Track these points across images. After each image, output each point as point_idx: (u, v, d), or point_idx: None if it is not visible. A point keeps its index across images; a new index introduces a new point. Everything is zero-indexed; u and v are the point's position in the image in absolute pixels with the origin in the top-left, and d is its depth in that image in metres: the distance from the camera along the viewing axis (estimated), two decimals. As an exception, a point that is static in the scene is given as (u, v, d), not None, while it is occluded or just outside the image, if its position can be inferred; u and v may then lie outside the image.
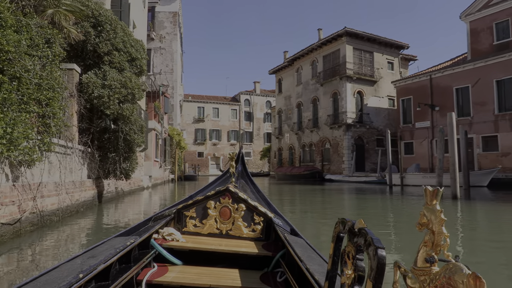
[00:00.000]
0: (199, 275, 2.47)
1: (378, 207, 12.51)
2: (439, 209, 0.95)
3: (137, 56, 11.08)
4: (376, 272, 0.94)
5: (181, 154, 35.04)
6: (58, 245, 5.74)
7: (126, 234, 2.62)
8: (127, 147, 10.66)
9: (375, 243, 0.98)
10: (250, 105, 62.39)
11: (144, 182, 19.63)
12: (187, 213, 3.09)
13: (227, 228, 3.07)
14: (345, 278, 1.18)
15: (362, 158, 31.14)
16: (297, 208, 12.06)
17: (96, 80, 9.44)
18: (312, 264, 1.95)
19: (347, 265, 1.18)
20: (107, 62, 10.14)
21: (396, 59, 34.21)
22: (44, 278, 1.54)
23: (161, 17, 35.20)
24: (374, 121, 31.92)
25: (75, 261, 1.84)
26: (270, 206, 3.42)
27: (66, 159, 8.50)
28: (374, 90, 32.47)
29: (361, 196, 16.33)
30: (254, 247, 2.83)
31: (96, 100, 9.35)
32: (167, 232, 2.82)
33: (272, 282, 2.48)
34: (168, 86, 34.42)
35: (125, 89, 9.80)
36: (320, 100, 34.53)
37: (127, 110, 9.76)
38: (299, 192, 19.63)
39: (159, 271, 2.49)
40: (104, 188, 11.82)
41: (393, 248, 5.80)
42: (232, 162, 3.54)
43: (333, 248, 1.29)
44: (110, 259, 1.94)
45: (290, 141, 39.96)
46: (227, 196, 3.09)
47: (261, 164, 60.36)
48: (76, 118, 9.45)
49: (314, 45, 34.93)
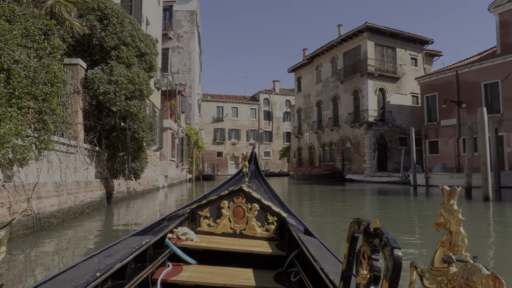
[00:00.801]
0: (213, 275, 2.47)
1: (402, 208, 11.71)
2: (457, 209, 0.94)
3: (147, 51, 10.63)
4: (392, 273, 0.93)
5: (199, 153, 34.71)
6: (51, 253, 5.28)
7: (141, 233, 2.63)
8: (136, 145, 10.22)
9: (391, 243, 0.97)
10: (269, 104, 61.73)
11: (159, 182, 19.28)
12: (201, 213, 3.11)
13: (241, 227, 3.07)
14: (360, 278, 1.16)
15: (384, 157, 30.07)
16: (316, 209, 11.39)
17: (102, 76, 9.02)
18: (327, 264, 1.93)
19: (363, 265, 1.16)
20: (114, 57, 9.71)
21: (420, 55, 32.94)
22: (63, 276, 1.56)
23: (178, 16, 34.99)
24: (396, 119, 30.78)
25: (92, 260, 1.85)
26: (283, 206, 3.39)
27: (69, 158, 8.10)
28: (397, 87, 31.32)
29: (383, 198, 15.49)
30: (268, 246, 2.83)
31: (101, 96, 8.93)
32: (182, 231, 2.83)
33: (286, 282, 2.47)
34: (185, 85, 34.18)
35: (133, 85, 9.35)
36: (340, 98, 33.60)
37: (135, 106, 9.30)
38: (318, 192, 18.90)
39: (173, 271, 2.50)
40: (114, 188, 11.44)
41: (415, 251, 5.54)
42: (245, 162, 3.58)
43: (348, 248, 1.29)
44: (126, 258, 1.95)
45: (309, 140, 39.12)
46: (241, 196, 3.09)
47: (280, 163, 59.63)
48: (82, 115, 9.05)
49: (334, 41, 34.01)
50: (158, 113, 18.93)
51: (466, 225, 0.98)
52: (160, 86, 18.88)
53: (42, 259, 4.84)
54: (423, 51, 33.23)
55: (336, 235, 6.85)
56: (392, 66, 31.32)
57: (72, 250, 5.44)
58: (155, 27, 18.41)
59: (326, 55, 36.23)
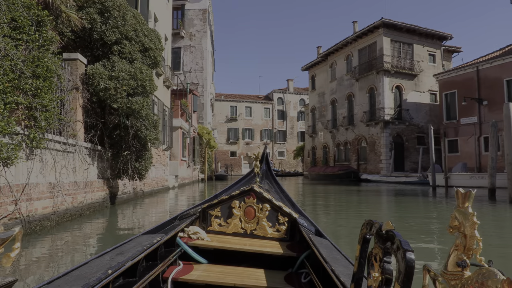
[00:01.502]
0: (224, 274, 2.47)
1: (419, 210, 11.02)
2: (471, 212, 0.94)
3: (151, 46, 10.20)
4: (404, 276, 0.92)
5: (211, 153, 34.33)
6: (36, 262, 4.84)
7: (152, 232, 2.62)
8: (140, 144, 9.80)
9: (404, 246, 0.96)
10: (283, 103, 61.06)
11: (169, 182, 18.92)
12: (212, 212, 3.12)
13: (251, 227, 3.08)
14: (371, 281, 1.15)
15: (401, 157, 29.16)
16: (330, 211, 10.79)
17: (102, 71, 8.61)
18: (338, 266, 1.91)
19: (374, 268, 1.15)
20: (116, 52, 9.31)
21: (438, 51, 31.88)
22: (75, 273, 1.58)
23: (190, 15, 34.67)
24: (414, 118, 29.83)
25: (104, 258, 1.85)
26: (294, 207, 3.38)
27: (66, 157, 7.70)
28: (414, 84, 30.36)
29: (400, 199, 14.76)
30: (278, 247, 2.83)
31: (102, 92, 8.52)
32: (193, 230, 2.83)
33: (297, 283, 2.45)
34: (198, 85, 33.86)
35: (135, 81, 8.93)
36: (355, 96, 32.79)
37: (137, 103, 8.87)
38: (333, 193, 18.24)
39: (184, 269, 2.51)
40: (118, 188, 11.06)
41: (429, 254, 5.31)
42: (256, 162, 3.55)
43: (359, 250, 1.27)
44: (137, 256, 1.96)
45: (324, 139, 38.37)
46: (252, 196, 3.10)
47: (294, 163, 58.92)
48: (82, 113, 8.66)
49: (349, 38, 33.20)
50: (167, 112, 18.57)
51: (488, 229, 1.10)
52: (169, 85, 18.50)
53: (29, 265, 4.41)
54: (442, 47, 32.17)
55: (349, 238, 6.28)
56: (409, 62, 30.38)
57: (61, 256, 5.01)
58: (164, 24, 18.03)
59: (340, 52, 35.43)
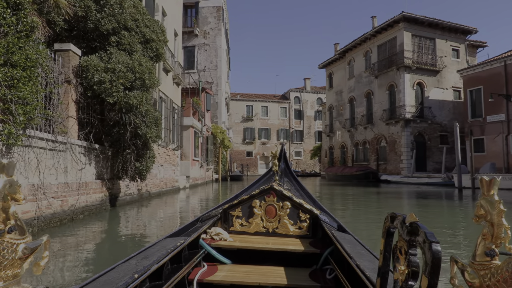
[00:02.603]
0: (248, 274, 2.48)
1: (445, 214, 10.00)
2: (498, 199, 0.92)
3: (152, 37, 9.49)
4: (431, 267, 0.91)
5: (225, 153, 33.63)
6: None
7: (175, 234, 2.63)
8: (140, 142, 9.10)
9: (429, 238, 0.95)
10: (300, 102, 59.99)
11: (179, 182, 18.26)
12: (233, 213, 3.12)
13: (273, 226, 3.08)
14: (398, 274, 1.13)
15: (423, 156, 27.83)
16: (347, 214, 9.88)
17: (97, 63, 7.93)
18: (362, 261, 1.89)
19: (400, 261, 1.13)
20: (114, 43, 8.63)
21: (462, 46, 30.40)
22: (103, 278, 1.58)
23: (204, 13, 34.09)
24: (436, 116, 28.45)
25: (130, 262, 1.86)
26: (315, 203, 3.38)
27: (56, 156, 7.05)
28: (437, 80, 28.98)
29: (424, 202, 13.68)
30: (301, 244, 2.82)
31: (96, 86, 7.84)
32: (215, 232, 2.85)
33: (322, 279, 2.45)
34: (212, 83, 33.23)
35: (133, 74, 8.22)
36: (374, 93, 31.58)
37: (135, 98, 8.15)
38: (351, 195, 17.26)
39: (209, 271, 2.53)
40: (120, 190, 10.40)
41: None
42: (274, 160, 3.51)
43: (383, 243, 1.26)
44: (162, 259, 1.98)
45: (341, 139, 37.22)
46: (272, 195, 3.09)
47: (311, 163, 57.74)
48: (75, 108, 8.00)
49: (368, 34, 32.01)
50: (177, 110, 17.92)
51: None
52: (179, 82, 17.83)
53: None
54: (466, 42, 30.66)
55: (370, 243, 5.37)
56: (431, 58, 29.03)
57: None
58: (174, 19, 17.37)
59: (359, 49, 34.27)
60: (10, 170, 1.04)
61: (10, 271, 1.04)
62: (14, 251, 1.03)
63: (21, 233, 1.07)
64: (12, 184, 1.03)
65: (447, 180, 21.78)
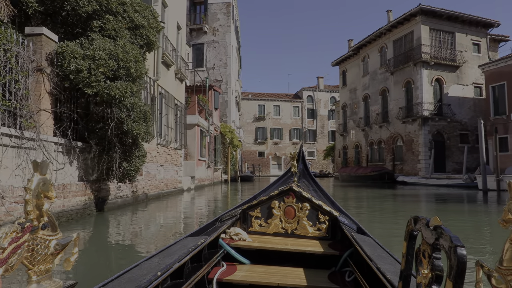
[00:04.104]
0: (267, 274, 2.49)
1: (468, 219, 8.82)
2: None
3: (142, 23, 8.55)
4: (456, 272, 0.90)
5: (235, 153, 32.64)
6: None
7: (196, 234, 2.65)
8: (130, 140, 8.16)
9: (454, 241, 0.93)
10: (313, 101, 58.67)
11: (183, 183, 17.34)
12: (252, 213, 3.13)
13: (292, 227, 3.08)
14: (421, 278, 1.12)
15: (442, 156, 26.38)
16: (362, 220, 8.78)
17: (74, 49, 7.02)
18: (383, 264, 1.86)
19: (423, 264, 1.12)
20: (97, 28, 7.71)
21: (484, 40, 28.81)
22: (127, 275, 1.61)
23: (213, 9, 33.25)
24: (456, 113, 26.94)
25: (152, 260, 1.89)
26: (334, 205, 3.35)
27: (23, 154, 6.14)
28: (456, 76, 27.48)
29: (446, 206, 12.43)
30: (320, 246, 2.81)
31: (72, 75, 6.92)
32: (234, 232, 2.87)
33: (341, 281, 2.43)
34: (221, 81, 32.32)
35: (116, 62, 7.28)
36: (390, 91, 30.21)
37: (118, 89, 7.20)
38: (365, 197, 16.09)
39: (228, 270, 2.54)
40: (109, 192, 9.50)
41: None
42: (293, 162, 3.52)
43: (406, 246, 1.25)
44: (184, 258, 2.01)
45: (356, 138, 35.88)
46: (291, 196, 3.09)
47: (325, 164, 56.34)
48: (50, 100, 7.09)
49: (383, 28, 30.65)
50: (180, 107, 17.01)
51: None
52: (182, 77, 16.91)
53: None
54: (487, 36, 29.06)
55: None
56: (451, 53, 27.55)
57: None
58: (177, 11, 16.45)
59: (373, 44, 32.93)
60: (44, 168, 1.09)
61: (43, 266, 1.09)
62: (47, 247, 1.09)
63: (53, 230, 1.13)
64: (45, 182, 1.09)
65: (469, 182, 20.37)
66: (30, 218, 1.04)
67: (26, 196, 1.04)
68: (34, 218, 1.04)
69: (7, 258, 0.94)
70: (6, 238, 0.95)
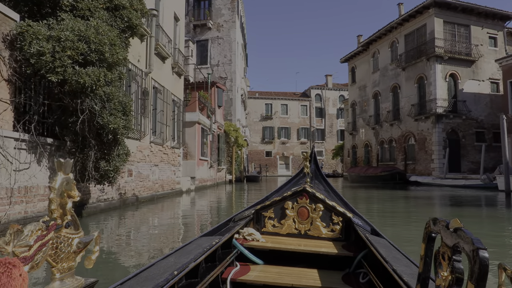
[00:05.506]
0: (280, 275, 2.48)
1: (489, 223, 7.65)
2: None
3: (123, 3, 7.54)
4: (478, 274, 0.88)
5: (240, 152, 31.60)
6: None
7: (210, 234, 2.66)
8: (108, 136, 7.16)
9: (476, 244, 0.91)
10: (322, 100, 57.41)
11: (182, 184, 16.33)
12: (265, 214, 3.13)
13: (305, 228, 3.07)
14: (440, 280, 1.09)
15: (457, 155, 25.05)
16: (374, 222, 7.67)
17: (37, 29, 6.03)
18: (399, 265, 1.83)
19: (442, 267, 1.10)
20: (68, 7, 6.73)
21: (500, 33, 27.39)
22: (144, 274, 1.61)
23: (218, 4, 32.28)
24: (472, 110, 25.58)
25: (168, 259, 1.90)
26: (347, 206, 3.33)
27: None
28: (472, 72, 26.12)
29: (465, 210, 11.23)
30: (333, 247, 2.80)
31: (33, 59, 5.93)
32: (248, 232, 2.87)
33: (355, 283, 2.41)
34: (226, 79, 31.32)
35: (86, 44, 6.28)
36: (401, 87, 28.91)
37: (88, 76, 6.20)
38: (376, 199, 14.93)
39: (241, 270, 2.55)
40: (90, 194, 8.53)
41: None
42: (306, 162, 3.48)
43: (424, 248, 1.21)
44: (199, 257, 2.02)
45: (365, 137, 34.61)
46: (304, 196, 3.09)
47: (333, 164, 55.02)
48: (8, 89, 6.11)
49: (394, 22, 29.37)
50: (178, 103, 16.02)
51: None
52: (180, 72, 15.91)
53: None
54: (504, 29, 27.63)
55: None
56: (466, 47, 26.20)
57: None
58: (174, 1, 15.47)
59: (384, 39, 31.65)
60: (67, 168, 1.10)
61: (65, 263, 1.11)
62: (70, 245, 1.12)
63: (76, 228, 1.15)
64: (68, 181, 1.10)
65: (487, 182, 19.06)
66: (54, 216, 1.05)
67: (50, 195, 1.04)
68: (58, 216, 1.05)
69: (33, 255, 0.94)
70: (32, 236, 0.95)
